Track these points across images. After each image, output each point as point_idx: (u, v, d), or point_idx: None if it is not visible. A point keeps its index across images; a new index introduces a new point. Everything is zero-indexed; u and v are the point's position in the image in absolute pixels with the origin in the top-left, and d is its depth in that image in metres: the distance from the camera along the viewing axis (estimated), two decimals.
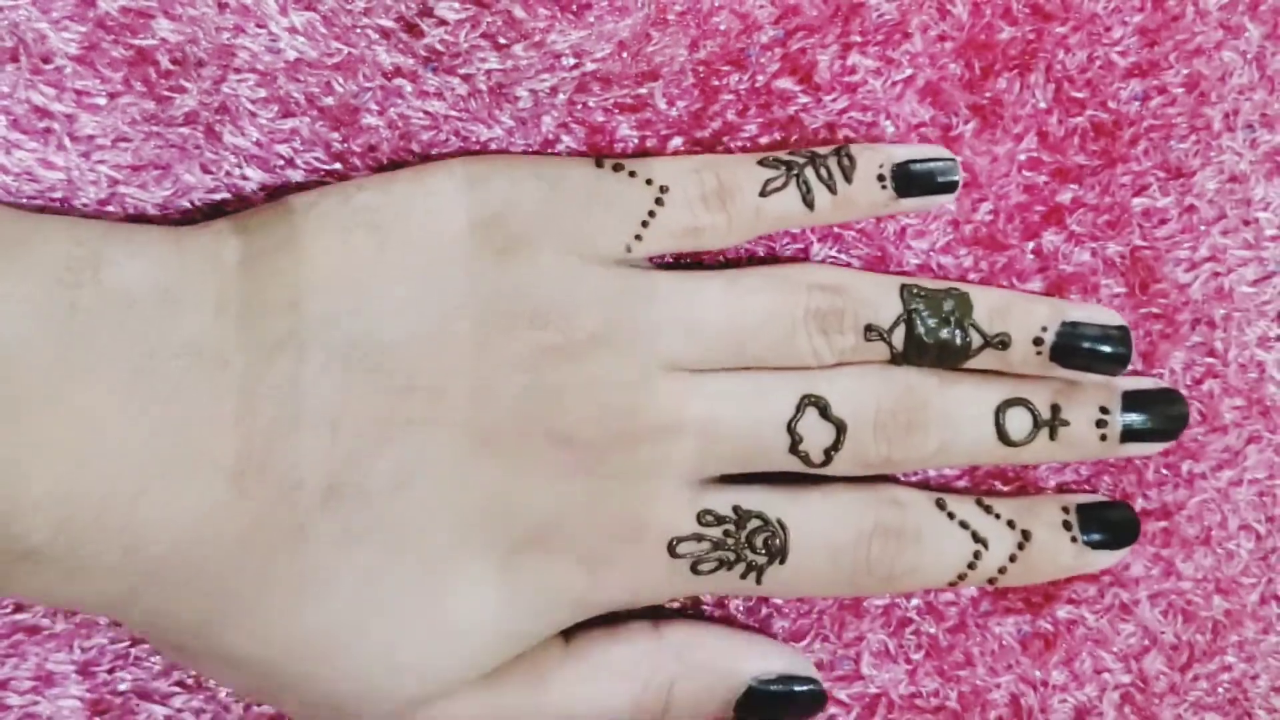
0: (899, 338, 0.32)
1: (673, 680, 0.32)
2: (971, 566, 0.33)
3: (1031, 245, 0.34)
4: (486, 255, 0.30)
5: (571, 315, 0.30)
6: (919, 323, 0.32)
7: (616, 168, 0.32)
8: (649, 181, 0.32)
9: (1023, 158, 0.34)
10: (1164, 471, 0.35)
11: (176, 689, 0.34)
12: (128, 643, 0.33)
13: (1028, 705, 0.35)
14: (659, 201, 0.32)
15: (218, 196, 0.32)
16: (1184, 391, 0.35)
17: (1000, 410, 0.33)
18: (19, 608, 0.33)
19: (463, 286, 0.30)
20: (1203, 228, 0.34)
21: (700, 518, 0.31)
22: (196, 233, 0.30)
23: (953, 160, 0.33)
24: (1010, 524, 0.33)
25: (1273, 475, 0.35)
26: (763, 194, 0.32)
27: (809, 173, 0.32)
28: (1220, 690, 0.35)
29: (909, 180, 0.33)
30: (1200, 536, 0.35)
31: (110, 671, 0.33)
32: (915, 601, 0.35)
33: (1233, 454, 0.35)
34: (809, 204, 0.32)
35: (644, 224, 0.32)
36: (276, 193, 0.32)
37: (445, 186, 0.31)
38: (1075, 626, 0.35)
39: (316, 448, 0.29)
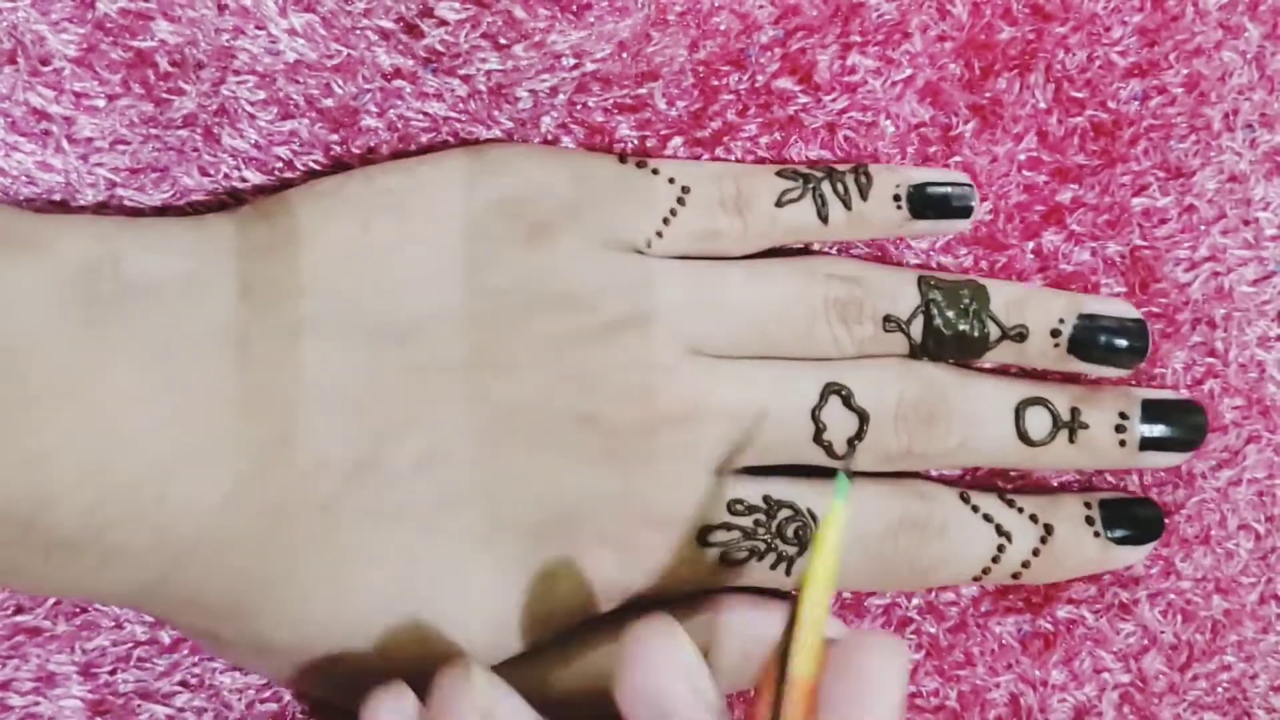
0: (917, 329, 0.32)
1: (705, 648, 0.32)
2: (995, 560, 0.33)
3: (1031, 245, 0.34)
4: (511, 238, 0.30)
5: (597, 298, 0.31)
6: (937, 314, 0.32)
7: (640, 164, 0.32)
8: (671, 180, 0.32)
9: (1022, 157, 0.34)
10: (1164, 472, 0.35)
11: (178, 689, 0.34)
12: (130, 644, 0.34)
13: (1027, 705, 0.35)
14: (681, 201, 0.32)
15: (216, 199, 0.32)
16: (1184, 392, 0.35)
17: (1020, 409, 0.33)
18: (20, 609, 0.33)
19: (487, 268, 0.30)
20: (1202, 227, 0.34)
21: (731, 507, 0.31)
22: (220, 220, 0.30)
23: (969, 186, 0.33)
24: (1033, 518, 0.33)
25: (1272, 475, 0.35)
26: (779, 204, 0.32)
27: (825, 187, 0.33)
28: (1219, 690, 0.35)
29: (924, 202, 0.33)
30: (1200, 536, 0.35)
31: (112, 672, 0.34)
32: (916, 601, 0.35)
33: (1232, 454, 0.35)
34: (823, 218, 0.33)
35: (665, 221, 0.32)
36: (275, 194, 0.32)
37: (470, 169, 0.31)
38: (1075, 626, 0.35)
39: (342, 427, 0.29)
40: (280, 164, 0.32)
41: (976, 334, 0.33)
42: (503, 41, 0.31)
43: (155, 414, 0.27)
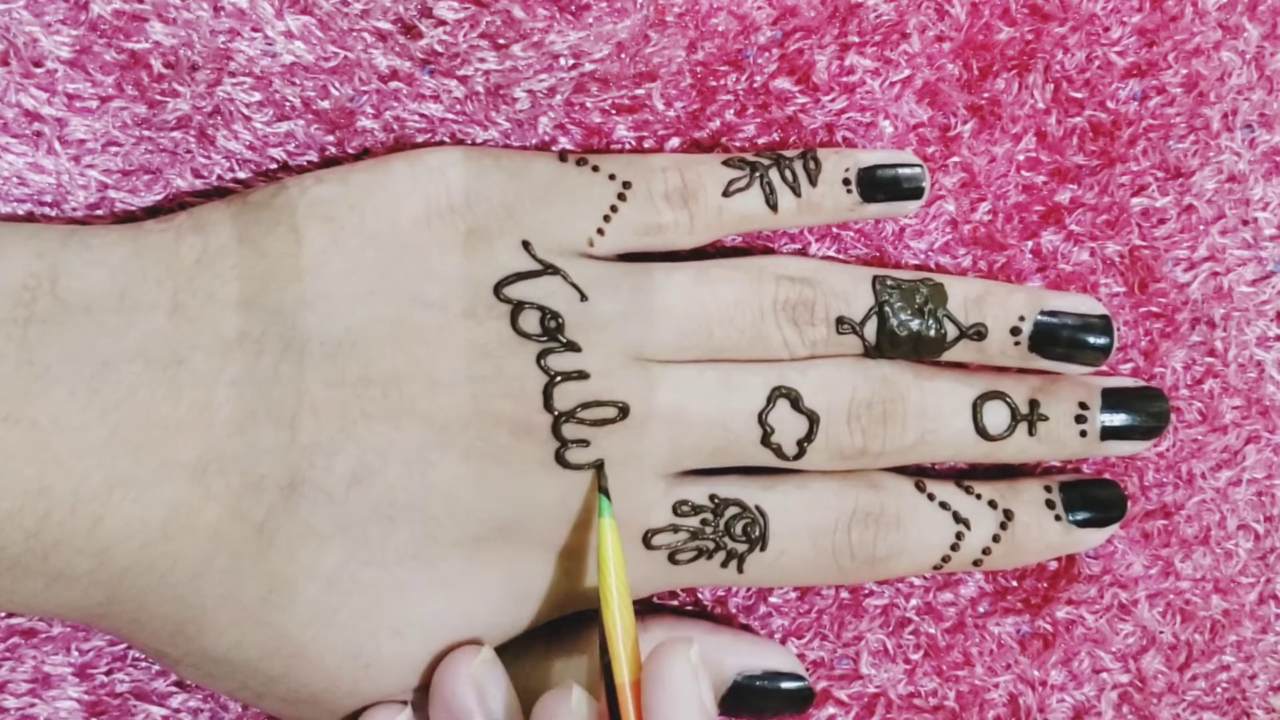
0: (871, 330, 0.32)
1: None
2: (954, 548, 0.33)
3: (1030, 245, 0.34)
4: (445, 245, 0.30)
5: (532, 305, 0.30)
6: (891, 315, 0.32)
7: (580, 162, 0.32)
8: (612, 177, 0.32)
9: (1021, 158, 0.34)
10: (1164, 472, 0.35)
11: (174, 689, 0.34)
12: (125, 645, 0.33)
13: (1026, 705, 0.35)
14: (621, 197, 0.32)
15: (209, 201, 0.32)
16: (1184, 391, 0.35)
17: (978, 403, 0.32)
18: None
19: (419, 278, 0.30)
20: (1201, 227, 0.34)
21: (676, 508, 0.31)
22: (157, 231, 0.30)
23: (920, 166, 0.33)
24: (992, 504, 0.33)
25: (1271, 475, 0.35)
26: (725, 194, 0.32)
27: (773, 174, 0.32)
28: (1218, 690, 0.36)
29: (874, 185, 0.33)
30: (1199, 536, 0.35)
31: (108, 673, 0.34)
32: (914, 601, 0.35)
33: (1232, 454, 0.35)
34: (772, 205, 0.32)
35: (606, 219, 0.31)
36: None
37: (404, 176, 0.31)
38: (1074, 626, 0.35)
39: (276, 445, 0.29)
40: (275, 165, 0.32)
41: (933, 334, 0.32)
42: (501, 42, 0.31)
43: (90, 438, 0.27)
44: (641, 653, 0.30)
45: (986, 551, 0.33)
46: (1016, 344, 0.33)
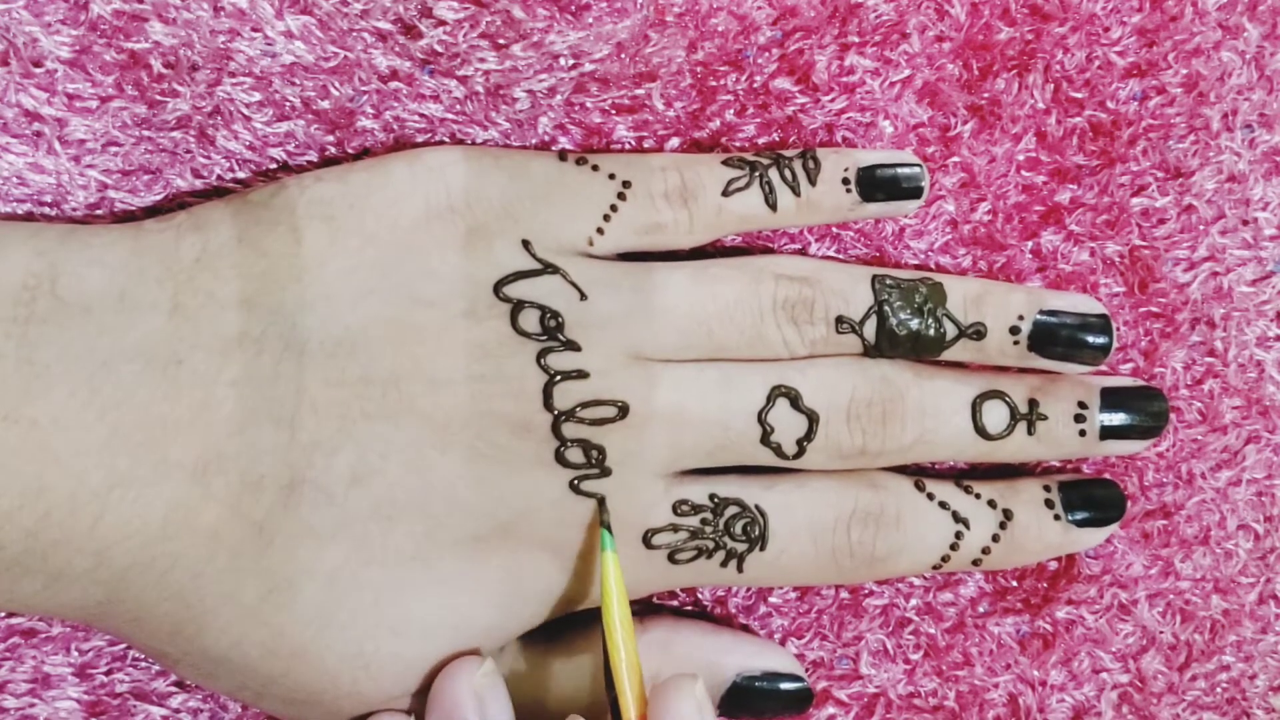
0: (870, 330, 0.32)
1: (655, 675, 0.32)
2: (954, 548, 0.33)
3: (1030, 245, 0.34)
4: (445, 245, 0.30)
5: (532, 304, 0.30)
6: (890, 314, 0.32)
7: (580, 161, 0.32)
8: (611, 176, 0.32)
9: (1021, 158, 0.34)
10: (1164, 472, 0.35)
11: (174, 689, 0.34)
12: (125, 645, 0.33)
13: (1026, 705, 0.35)
14: (621, 196, 0.32)
15: (209, 201, 0.32)
16: (1184, 391, 0.35)
17: (977, 403, 0.33)
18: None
19: (419, 278, 0.30)
20: (1201, 227, 0.34)
21: (676, 508, 0.31)
22: (156, 230, 0.30)
23: (919, 166, 0.33)
24: (991, 504, 0.33)
25: (1271, 475, 0.35)
26: (725, 193, 0.32)
27: (773, 174, 0.32)
28: (1218, 690, 0.36)
29: (873, 184, 0.33)
30: (1199, 536, 0.35)
31: (108, 673, 0.33)
32: (914, 601, 0.35)
33: (1232, 454, 0.35)
34: (771, 205, 0.32)
35: (606, 218, 0.31)
36: None
37: (403, 176, 0.31)
38: (1074, 626, 0.35)
39: (275, 444, 0.29)
40: (275, 165, 0.32)
41: (932, 333, 0.32)
42: (501, 42, 0.31)
43: (90, 438, 0.27)
44: (642, 664, 0.30)
45: (986, 551, 0.33)
46: (1015, 343, 0.33)
